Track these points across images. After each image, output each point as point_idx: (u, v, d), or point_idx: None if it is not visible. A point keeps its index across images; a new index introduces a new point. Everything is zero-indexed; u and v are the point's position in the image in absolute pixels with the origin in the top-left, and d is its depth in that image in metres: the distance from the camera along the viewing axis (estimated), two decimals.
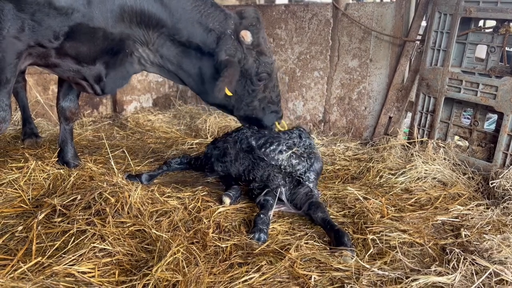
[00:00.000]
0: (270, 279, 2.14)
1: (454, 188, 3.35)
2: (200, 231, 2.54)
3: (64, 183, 2.89)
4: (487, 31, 3.84)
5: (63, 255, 2.20)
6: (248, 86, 3.09)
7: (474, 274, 2.12)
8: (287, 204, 3.03)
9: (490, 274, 2.11)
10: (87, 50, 2.81)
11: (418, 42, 4.40)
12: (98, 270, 2.12)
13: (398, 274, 2.17)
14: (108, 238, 2.32)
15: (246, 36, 2.90)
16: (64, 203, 2.62)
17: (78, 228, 2.40)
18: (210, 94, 3.13)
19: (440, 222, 2.87)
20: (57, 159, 3.47)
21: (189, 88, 3.34)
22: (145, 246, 2.35)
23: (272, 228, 2.70)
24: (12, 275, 2.01)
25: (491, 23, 3.85)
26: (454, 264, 2.22)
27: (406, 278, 2.12)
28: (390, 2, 4.66)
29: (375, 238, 2.53)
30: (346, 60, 4.97)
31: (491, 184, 3.31)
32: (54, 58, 2.81)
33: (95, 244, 2.26)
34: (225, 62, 2.88)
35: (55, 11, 2.56)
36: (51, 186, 2.96)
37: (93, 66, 2.92)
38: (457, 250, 2.32)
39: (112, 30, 2.78)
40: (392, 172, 3.66)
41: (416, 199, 3.20)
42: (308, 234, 2.65)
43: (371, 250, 2.43)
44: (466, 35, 3.91)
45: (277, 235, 2.62)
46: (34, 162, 3.18)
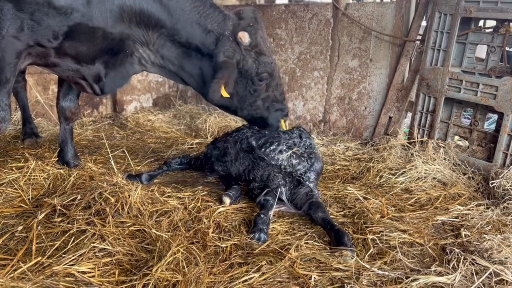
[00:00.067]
0: (270, 279, 2.14)
1: (454, 188, 3.35)
2: (200, 231, 2.53)
3: (64, 183, 2.89)
4: (487, 31, 3.84)
5: (63, 255, 2.19)
6: (249, 86, 3.08)
7: (474, 274, 2.12)
8: (287, 204, 3.03)
9: (490, 274, 2.11)
10: (87, 49, 2.81)
11: (418, 42, 4.40)
12: (98, 270, 2.12)
13: (398, 274, 2.17)
14: (108, 238, 2.32)
15: (244, 37, 2.89)
16: (64, 203, 2.61)
17: (78, 228, 2.40)
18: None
19: (440, 222, 2.87)
20: (57, 159, 3.47)
21: (191, 88, 3.32)
22: (145, 246, 2.35)
23: (272, 228, 2.70)
24: (12, 275, 2.01)
25: (491, 23, 3.85)
26: (454, 264, 2.22)
27: (406, 278, 2.12)
28: (390, 2, 4.66)
29: (375, 238, 2.53)
30: (346, 60, 4.96)
31: (491, 184, 3.31)
32: (54, 58, 2.81)
33: (95, 244, 2.26)
34: (221, 64, 2.87)
35: (54, 10, 2.55)
36: (51, 186, 2.96)
37: (92, 66, 2.92)
38: (457, 250, 2.32)
39: (111, 30, 2.78)
40: (392, 172, 3.66)
41: (416, 199, 3.20)
42: (308, 234, 2.65)
43: (371, 250, 2.43)
44: (466, 35, 3.91)
45: (277, 235, 2.62)
46: (34, 162, 3.18)
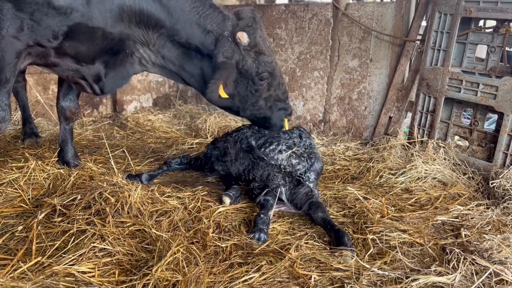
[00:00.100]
0: (270, 279, 2.14)
1: (454, 188, 3.35)
2: (200, 231, 2.53)
3: (64, 183, 2.89)
4: (487, 31, 3.84)
5: (63, 255, 2.19)
6: (250, 86, 3.07)
7: (474, 274, 2.12)
8: (287, 204, 3.03)
9: (490, 274, 2.11)
10: (86, 49, 2.81)
11: (418, 42, 4.40)
12: (98, 270, 2.12)
13: (398, 274, 2.17)
14: (108, 238, 2.32)
15: (243, 37, 2.89)
16: (64, 203, 2.61)
17: (78, 228, 2.40)
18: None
19: (440, 222, 2.87)
20: (57, 159, 3.47)
21: (192, 88, 3.31)
22: (145, 246, 2.35)
23: (272, 228, 2.70)
24: (12, 275, 2.01)
25: (491, 23, 3.85)
26: (454, 264, 2.22)
27: (406, 278, 2.12)
28: (390, 2, 4.66)
29: (375, 238, 2.53)
30: (346, 60, 4.96)
31: (491, 184, 3.31)
32: (54, 58, 2.81)
33: (95, 244, 2.26)
34: (219, 64, 2.87)
35: (54, 10, 2.55)
36: (51, 186, 2.96)
37: (92, 66, 2.92)
38: (457, 250, 2.32)
39: (111, 30, 2.78)
40: (392, 172, 3.66)
41: (416, 199, 3.20)
42: (308, 234, 2.65)
43: (371, 250, 2.43)
44: (466, 35, 3.91)
45: (277, 235, 2.62)
46: (34, 162, 3.18)
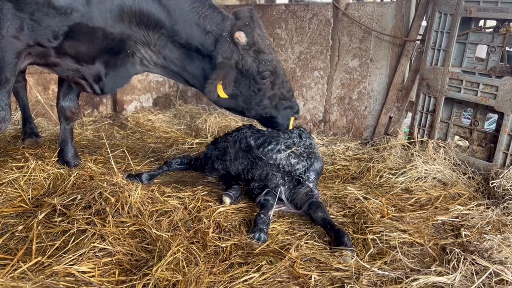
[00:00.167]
0: (270, 279, 2.14)
1: (454, 188, 3.35)
2: (200, 230, 2.53)
3: (64, 183, 2.89)
4: (488, 31, 3.84)
5: (63, 255, 2.19)
6: (253, 86, 3.06)
7: (474, 274, 2.12)
8: (287, 204, 3.03)
9: (490, 274, 2.11)
10: (87, 49, 2.81)
11: (419, 42, 4.40)
12: (98, 270, 2.11)
13: (398, 274, 2.17)
14: (108, 237, 2.32)
15: (240, 37, 2.88)
16: (64, 202, 2.61)
17: (78, 227, 2.40)
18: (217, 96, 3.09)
19: (440, 222, 2.87)
20: (57, 158, 3.47)
21: (195, 89, 3.30)
22: (145, 246, 2.35)
23: (272, 227, 2.70)
24: (12, 275, 2.01)
25: (492, 23, 3.85)
26: (454, 264, 2.22)
27: (406, 278, 2.12)
28: (391, 2, 4.66)
29: (375, 238, 2.53)
30: (346, 60, 4.96)
31: (491, 184, 3.31)
32: (54, 58, 2.81)
33: (95, 244, 2.26)
34: (218, 65, 2.87)
35: (54, 10, 2.55)
36: (51, 185, 2.96)
37: (92, 66, 2.92)
38: (457, 250, 2.32)
39: (111, 30, 2.78)
40: (392, 172, 3.66)
41: (416, 199, 3.20)
42: (308, 234, 2.65)
43: (371, 250, 2.43)
44: (466, 35, 3.91)
45: (277, 235, 2.62)
46: (34, 161, 3.18)
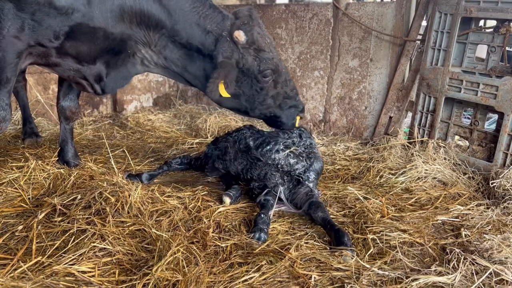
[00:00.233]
0: (270, 279, 2.14)
1: (455, 188, 3.35)
2: (200, 230, 2.53)
3: (64, 183, 2.89)
4: (488, 31, 3.84)
5: (63, 255, 2.19)
6: (255, 85, 3.04)
7: (474, 274, 2.12)
8: (286, 203, 3.03)
9: (490, 274, 2.11)
10: (88, 49, 2.81)
11: (419, 42, 4.40)
12: (98, 270, 2.12)
13: (398, 274, 2.17)
14: (108, 237, 2.32)
15: (240, 35, 2.88)
16: (64, 202, 2.62)
17: (78, 227, 2.40)
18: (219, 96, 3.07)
19: (440, 222, 2.87)
20: (57, 158, 3.47)
21: (197, 89, 3.29)
22: (145, 246, 2.35)
23: (272, 227, 2.70)
24: (12, 275, 2.01)
25: (492, 23, 3.85)
26: (454, 264, 2.22)
27: (406, 278, 2.12)
28: (391, 2, 4.66)
29: (375, 237, 2.53)
30: (346, 60, 4.96)
31: (492, 184, 3.31)
32: (55, 58, 2.81)
33: (95, 244, 2.26)
34: (219, 64, 2.87)
35: (55, 10, 2.56)
36: (51, 185, 2.96)
37: (93, 66, 2.92)
38: (457, 250, 2.32)
39: (112, 30, 2.78)
40: (392, 172, 3.66)
41: (416, 199, 3.20)
42: (308, 234, 2.65)
43: (371, 250, 2.43)
44: (466, 35, 3.91)
45: (277, 235, 2.62)
46: (34, 161, 3.18)
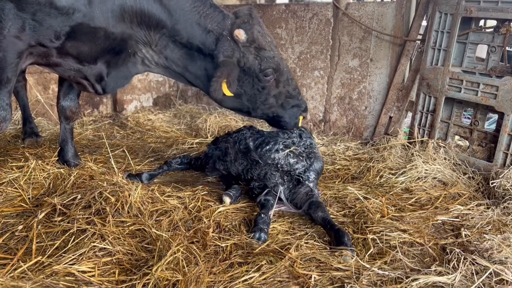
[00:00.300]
0: (270, 279, 2.14)
1: (455, 188, 3.35)
2: (200, 230, 2.54)
3: (64, 183, 2.89)
4: (488, 30, 3.84)
5: (63, 254, 2.19)
6: (256, 84, 3.03)
7: (474, 274, 2.12)
8: (287, 203, 3.03)
9: (490, 274, 2.11)
10: (88, 49, 2.81)
11: (419, 42, 4.40)
12: (98, 270, 2.12)
13: (398, 274, 2.17)
14: (108, 237, 2.32)
15: (240, 34, 2.88)
16: (64, 202, 2.62)
17: (78, 227, 2.40)
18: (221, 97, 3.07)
19: (440, 222, 2.87)
20: (57, 158, 3.47)
21: (199, 89, 3.28)
22: (145, 246, 2.35)
23: (272, 227, 2.70)
24: (12, 274, 2.01)
25: (492, 23, 3.85)
26: (454, 264, 2.22)
27: (406, 278, 2.12)
28: (391, 2, 4.66)
29: (375, 237, 2.53)
30: (346, 60, 4.96)
31: (492, 184, 3.31)
32: (55, 58, 2.81)
33: (95, 244, 2.26)
34: (220, 63, 2.87)
35: (56, 10, 2.56)
36: (51, 185, 2.96)
37: (94, 66, 2.92)
38: (457, 250, 2.32)
39: (113, 30, 2.78)
40: (393, 172, 3.66)
41: (416, 199, 3.20)
42: (308, 234, 2.65)
43: (371, 250, 2.43)
44: (466, 35, 3.91)
45: (277, 235, 2.62)
46: (34, 161, 3.18)
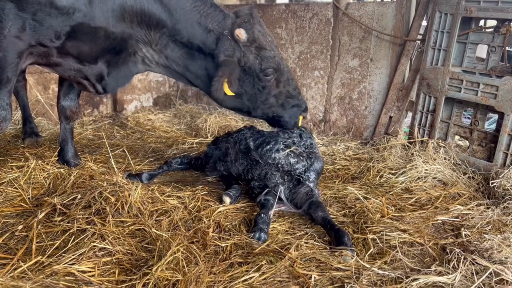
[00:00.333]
0: (270, 279, 2.14)
1: (455, 188, 3.35)
2: (200, 230, 2.54)
3: (64, 182, 2.89)
4: (488, 30, 3.84)
5: (63, 254, 2.20)
6: (257, 84, 3.02)
7: (474, 274, 2.12)
8: (287, 203, 3.03)
9: (490, 274, 2.11)
10: (89, 49, 2.81)
11: (419, 42, 4.40)
12: (98, 269, 2.12)
13: (398, 274, 2.17)
14: (108, 237, 2.32)
15: (240, 34, 2.87)
16: (64, 202, 2.62)
17: (78, 227, 2.40)
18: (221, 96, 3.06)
19: (441, 221, 2.87)
20: (57, 158, 3.47)
21: (199, 89, 3.28)
22: (145, 245, 2.35)
23: (272, 227, 2.70)
24: (12, 274, 2.01)
25: (492, 23, 3.85)
26: (454, 264, 2.22)
27: (406, 278, 2.12)
28: (391, 2, 4.65)
29: (375, 237, 2.53)
30: (346, 60, 4.96)
31: (492, 184, 3.31)
32: (56, 58, 2.81)
33: (95, 243, 2.26)
34: (221, 63, 2.86)
35: (57, 10, 2.55)
36: (51, 185, 2.96)
37: (94, 65, 2.92)
38: (457, 250, 2.32)
39: (113, 30, 2.78)
40: (393, 171, 3.66)
41: (416, 199, 3.20)
42: (308, 234, 2.65)
43: (371, 250, 2.43)
44: (466, 35, 3.91)
45: (277, 235, 2.62)
46: (34, 161, 3.18)
